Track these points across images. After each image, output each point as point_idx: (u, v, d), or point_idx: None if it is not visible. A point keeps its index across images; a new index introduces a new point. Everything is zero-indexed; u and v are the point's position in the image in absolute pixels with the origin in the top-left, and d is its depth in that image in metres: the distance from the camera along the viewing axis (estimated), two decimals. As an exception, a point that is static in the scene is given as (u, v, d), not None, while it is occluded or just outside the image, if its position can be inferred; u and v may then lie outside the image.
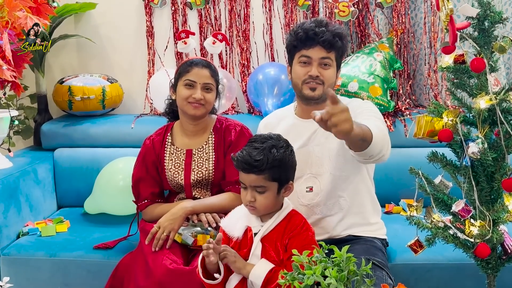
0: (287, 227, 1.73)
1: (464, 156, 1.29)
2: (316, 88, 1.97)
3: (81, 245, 2.32)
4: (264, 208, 1.73)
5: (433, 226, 1.37)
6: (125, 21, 3.16)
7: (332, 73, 1.98)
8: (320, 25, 1.94)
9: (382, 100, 2.77)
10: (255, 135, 1.79)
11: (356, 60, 2.86)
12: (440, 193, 1.36)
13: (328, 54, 1.95)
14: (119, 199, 2.53)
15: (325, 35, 1.92)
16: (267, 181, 1.68)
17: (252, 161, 1.66)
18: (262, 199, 1.70)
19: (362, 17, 2.99)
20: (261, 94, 2.92)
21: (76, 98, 2.88)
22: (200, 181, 2.18)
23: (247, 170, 1.69)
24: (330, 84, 1.99)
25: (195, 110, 2.12)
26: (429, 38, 2.95)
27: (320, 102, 1.99)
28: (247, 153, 1.68)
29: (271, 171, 1.67)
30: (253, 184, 1.70)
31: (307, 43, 1.94)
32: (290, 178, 1.75)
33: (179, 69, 2.17)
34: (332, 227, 2.01)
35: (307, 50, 1.95)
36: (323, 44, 1.93)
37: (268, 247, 1.73)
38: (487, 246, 1.28)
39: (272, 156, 1.67)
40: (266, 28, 3.08)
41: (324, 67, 1.96)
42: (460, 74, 1.36)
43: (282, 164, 1.69)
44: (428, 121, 1.31)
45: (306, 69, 1.97)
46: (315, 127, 2.02)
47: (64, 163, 2.85)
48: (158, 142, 2.24)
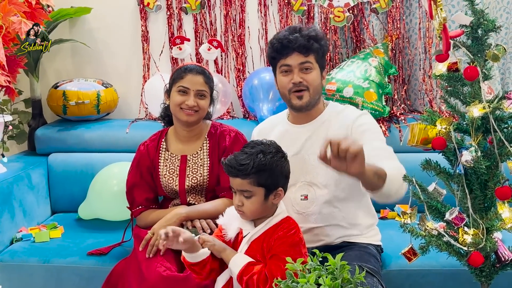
0: (275, 230, 1.72)
1: (457, 164, 1.29)
2: (303, 95, 1.97)
3: (75, 251, 2.31)
4: (251, 213, 1.72)
5: (427, 234, 1.36)
6: (120, 26, 3.15)
7: (315, 75, 1.98)
8: (294, 32, 1.95)
9: (377, 105, 2.77)
10: (251, 141, 1.79)
11: (351, 65, 2.86)
12: (434, 201, 1.36)
13: (306, 58, 1.95)
14: (114, 204, 2.52)
15: (299, 41, 1.92)
16: (253, 186, 1.68)
17: (237, 165, 1.67)
18: (249, 204, 1.70)
19: (357, 22, 2.99)
20: (256, 99, 2.91)
21: (71, 103, 2.87)
22: (194, 187, 2.17)
23: (233, 174, 1.69)
24: (316, 87, 1.99)
25: (188, 116, 2.11)
26: (424, 44, 2.95)
27: (310, 109, 2.01)
28: (234, 158, 1.69)
29: (257, 176, 1.67)
30: (239, 188, 1.70)
31: (283, 52, 1.95)
32: (278, 184, 1.73)
33: (173, 75, 2.17)
34: (326, 235, 2.01)
35: (285, 58, 1.96)
36: (298, 49, 1.93)
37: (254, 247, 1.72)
38: (480, 254, 1.28)
39: (258, 161, 1.66)
40: (261, 33, 3.07)
41: (305, 71, 1.96)
42: (454, 82, 1.36)
43: (268, 170, 1.68)
44: (422, 129, 1.31)
45: (288, 78, 1.97)
46: (309, 133, 2.02)
47: (58, 168, 2.83)
48: (153, 148, 2.23)
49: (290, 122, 2.09)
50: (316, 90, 1.99)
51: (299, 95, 1.97)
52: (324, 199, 1.98)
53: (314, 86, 1.98)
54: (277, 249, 1.65)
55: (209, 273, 1.74)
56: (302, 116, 2.05)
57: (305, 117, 2.05)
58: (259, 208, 1.72)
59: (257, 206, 1.71)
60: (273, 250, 1.66)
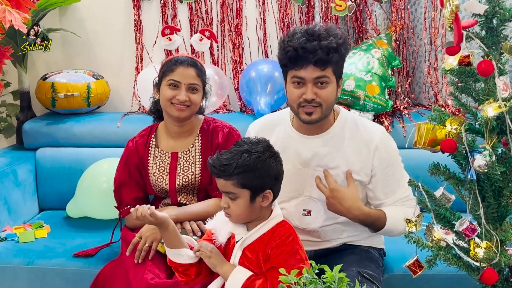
0: (271, 237, 1.60)
1: (469, 168, 1.17)
2: (313, 112, 1.74)
3: (61, 252, 2.21)
4: (236, 216, 1.61)
5: (434, 246, 1.24)
6: (112, 15, 3.03)
7: (331, 91, 1.73)
8: (312, 39, 1.67)
9: (379, 99, 2.65)
10: (240, 139, 1.66)
11: (353, 57, 2.74)
12: (442, 208, 1.23)
13: (323, 72, 1.69)
14: (103, 202, 2.40)
15: (317, 54, 1.66)
16: (236, 187, 1.56)
17: (219, 165, 1.55)
18: (234, 207, 1.58)
19: (360, 12, 2.86)
20: (253, 92, 2.80)
21: (60, 95, 2.76)
22: (186, 186, 2.06)
23: (216, 175, 1.58)
24: (330, 103, 1.77)
25: (179, 112, 1.99)
26: (429, 34, 2.84)
27: (319, 121, 1.80)
28: (217, 157, 1.57)
29: (240, 177, 1.55)
30: (223, 189, 1.59)
31: (298, 63, 1.69)
32: (266, 186, 1.59)
33: (163, 67, 2.05)
34: (326, 240, 1.89)
35: (299, 70, 1.70)
36: (315, 64, 1.68)
37: (249, 256, 1.60)
38: (494, 271, 1.16)
39: (241, 161, 1.54)
40: (259, 23, 2.95)
41: (320, 86, 1.71)
42: (465, 77, 1.23)
43: (252, 170, 1.55)
44: (430, 129, 1.18)
45: (300, 91, 1.73)
46: (318, 147, 1.84)
47: (46, 164, 2.73)
48: (142, 145, 2.12)
49: (295, 130, 1.88)
50: (330, 106, 1.77)
51: (308, 112, 1.76)
52: (328, 216, 1.85)
53: (328, 103, 1.75)
54: (276, 260, 1.54)
55: (197, 275, 1.63)
56: (310, 127, 1.83)
57: (314, 128, 1.83)
58: (245, 211, 1.59)
59: (242, 209, 1.58)
60: (272, 261, 1.55)
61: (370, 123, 1.93)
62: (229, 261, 1.62)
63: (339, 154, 1.82)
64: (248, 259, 1.60)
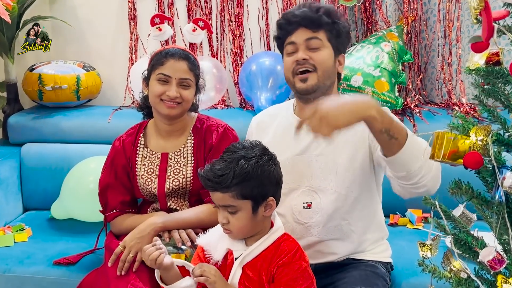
0: (275, 254, 1.45)
1: (496, 187, 0.99)
2: (308, 77, 1.66)
3: (41, 258, 2.05)
4: (239, 231, 1.45)
5: (453, 277, 1.06)
6: (105, 2, 2.88)
7: (326, 55, 1.67)
8: (303, 6, 1.69)
9: (389, 96, 2.47)
10: (231, 144, 1.49)
11: (361, 50, 2.56)
12: (463, 233, 1.05)
13: (315, 33, 1.66)
14: (89, 204, 2.24)
15: (305, 13, 1.65)
16: (236, 199, 1.40)
17: (214, 177, 1.39)
18: (235, 221, 1.43)
19: (369, 2, 2.69)
20: (254, 86, 2.64)
21: (47, 87, 2.60)
22: (176, 189, 1.89)
23: (212, 188, 1.42)
24: (326, 69, 1.67)
25: (169, 109, 1.82)
26: (444, 27, 2.66)
27: (319, 95, 1.66)
28: (210, 168, 1.41)
29: (240, 187, 1.39)
30: (220, 203, 1.43)
31: (288, 28, 1.68)
32: (268, 193, 1.45)
33: (152, 60, 1.88)
34: (329, 251, 1.72)
35: (290, 36, 1.68)
36: (304, 23, 1.65)
37: (250, 275, 1.44)
38: (526, 315, 0.98)
39: (239, 169, 1.38)
40: (261, 13, 2.79)
41: (313, 50, 1.66)
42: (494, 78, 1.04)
43: (252, 178, 1.40)
44: (450, 140, 0.99)
45: (293, 57, 1.69)
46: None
47: (31, 160, 2.57)
48: (129, 144, 1.95)
49: (296, 116, 1.78)
50: (327, 73, 1.67)
51: (303, 78, 1.66)
52: (331, 209, 1.69)
53: (324, 67, 1.66)
54: (284, 280, 1.41)
55: None
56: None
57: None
58: (248, 224, 1.44)
59: (245, 222, 1.43)
60: (279, 282, 1.40)
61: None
62: (226, 281, 1.46)
63: (339, 138, 1.63)
64: (249, 279, 1.45)
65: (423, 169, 1.39)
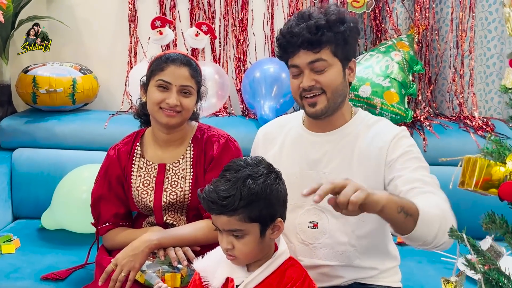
0: (281, 282, 1.34)
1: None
2: (317, 101, 1.55)
3: (28, 273, 1.94)
4: (245, 257, 1.34)
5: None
6: (104, 3, 2.79)
7: (333, 74, 1.55)
8: (301, 21, 1.54)
9: (398, 108, 2.36)
10: (232, 162, 1.37)
11: (370, 59, 2.45)
12: (494, 271, 0.93)
13: (317, 54, 1.53)
14: (81, 214, 2.12)
15: (303, 35, 1.51)
16: (244, 222, 1.29)
17: (219, 200, 1.27)
18: (242, 246, 1.31)
19: (379, 9, 2.60)
20: (257, 94, 2.54)
21: (41, 90, 2.51)
22: (173, 203, 1.78)
23: (216, 211, 1.30)
24: (335, 88, 1.55)
25: (168, 118, 1.71)
26: (456, 37, 2.58)
27: (331, 114, 1.59)
28: (213, 189, 1.29)
29: (248, 210, 1.28)
30: (226, 228, 1.31)
31: (289, 50, 1.56)
32: (276, 214, 1.35)
33: (152, 65, 1.77)
34: (335, 275, 1.60)
35: (292, 58, 1.56)
36: (304, 46, 1.52)
37: None
38: None
39: (247, 189, 1.27)
40: (267, 18, 2.70)
41: (318, 72, 1.54)
42: (532, 98, 0.94)
43: (262, 199, 1.29)
44: (483, 167, 0.88)
45: (298, 81, 1.57)
46: (328, 146, 1.61)
47: (23, 166, 2.46)
48: (125, 153, 1.84)
49: (306, 128, 1.67)
50: (336, 92, 1.56)
51: (312, 102, 1.55)
52: (339, 233, 1.57)
53: (333, 87, 1.55)
54: None
55: None
56: (321, 123, 1.62)
57: (324, 125, 1.63)
58: (255, 248, 1.34)
59: (252, 246, 1.33)
60: None
61: (389, 122, 1.67)
62: None
63: (353, 159, 1.57)
64: None
65: (440, 232, 1.30)
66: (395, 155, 1.52)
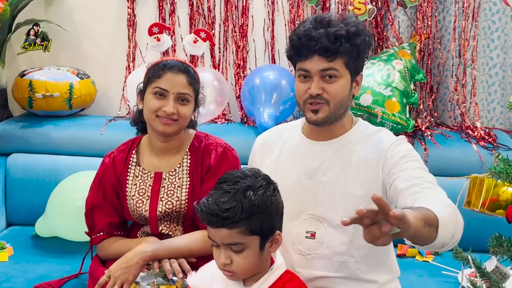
0: None
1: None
2: (319, 109, 1.52)
3: (20, 282, 1.90)
4: (244, 272, 1.31)
5: None
6: (103, 7, 2.76)
7: (341, 86, 1.51)
8: (320, 26, 1.49)
9: (399, 117, 2.34)
10: (228, 173, 1.34)
11: (371, 67, 2.43)
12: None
13: (331, 63, 1.49)
14: (76, 222, 2.08)
15: (322, 41, 1.46)
16: (245, 235, 1.26)
17: (220, 212, 1.24)
18: (241, 261, 1.28)
19: (381, 17, 2.58)
20: (256, 101, 2.52)
21: (37, 95, 2.48)
22: (169, 213, 1.74)
23: (216, 224, 1.27)
24: (340, 101, 1.52)
25: (165, 126, 1.68)
26: (459, 46, 2.56)
27: (331, 123, 1.56)
28: (213, 201, 1.26)
29: (249, 222, 1.26)
30: (226, 241, 1.27)
31: (302, 53, 1.51)
32: (275, 226, 1.33)
33: (149, 72, 1.74)
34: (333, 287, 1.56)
35: (304, 62, 1.51)
36: (320, 53, 1.48)
37: None
38: None
39: (248, 201, 1.25)
40: (267, 24, 2.68)
41: (328, 80, 1.50)
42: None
43: (262, 211, 1.27)
44: (491, 187, 0.85)
45: (306, 86, 1.53)
46: (327, 154, 1.58)
47: (18, 172, 2.43)
48: (120, 161, 1.80)
49: (305, 136, 1.64)
50: (339, 105, 1.53)
51: (314, 109, 1.52)
52: (337, 243, 1.54)
53: (337, 100, 1.52)
54: None
55: None
56: (320, 131, 1.60)
57: (324, 133, 1.60)
58: (255, 262, 1.31)
59: (251, 261, 1.30)
60: None
61: (389, 132, 1.63)
62: None
63: (351, 168, 1.54)
64: None
65: (455, 231, 1.23)
66: (394, 159, 1.48)
